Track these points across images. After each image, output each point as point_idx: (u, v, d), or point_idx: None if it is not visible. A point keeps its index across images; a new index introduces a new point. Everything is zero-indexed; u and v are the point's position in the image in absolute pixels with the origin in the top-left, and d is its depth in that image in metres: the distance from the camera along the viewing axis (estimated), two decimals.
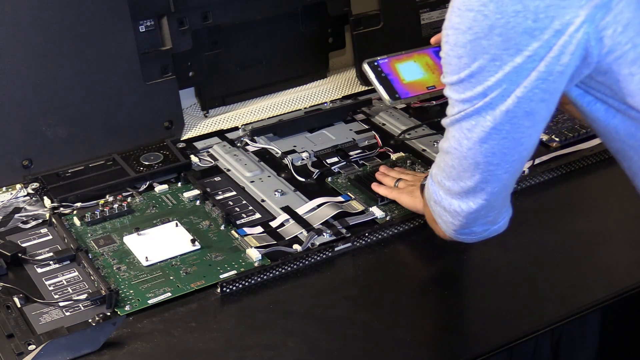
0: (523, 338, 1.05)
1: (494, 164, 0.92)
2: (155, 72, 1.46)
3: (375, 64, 1.31)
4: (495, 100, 0.86)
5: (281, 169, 1.39)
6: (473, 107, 0.88)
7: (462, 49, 0.85)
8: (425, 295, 1.12)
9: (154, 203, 1.30)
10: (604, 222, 1.26)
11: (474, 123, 0.89)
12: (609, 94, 0.88)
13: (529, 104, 0.86)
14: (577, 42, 0.82)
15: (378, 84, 1.30)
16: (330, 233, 1.21)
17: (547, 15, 0.80)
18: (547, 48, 0.82)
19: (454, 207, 0.98)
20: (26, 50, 1.32)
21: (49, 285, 1.12)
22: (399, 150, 1.42)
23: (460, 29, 0.85)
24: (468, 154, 0.91)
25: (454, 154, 0.93)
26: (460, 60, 0.86)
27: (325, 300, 1.10)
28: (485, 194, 0.95)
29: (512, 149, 0.91)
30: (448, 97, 0.91)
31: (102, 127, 1.41)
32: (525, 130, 0.89)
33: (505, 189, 0.98)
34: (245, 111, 1.59)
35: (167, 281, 1.12)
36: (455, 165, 0.94)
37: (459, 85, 0.88)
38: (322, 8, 1.63)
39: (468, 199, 0.97)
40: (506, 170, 0.93)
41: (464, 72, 0.86)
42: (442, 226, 1.03)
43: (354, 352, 1.02)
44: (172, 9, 1.45)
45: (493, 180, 0.94)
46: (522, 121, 0.88)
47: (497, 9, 0.81)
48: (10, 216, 1.27)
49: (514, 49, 0.82)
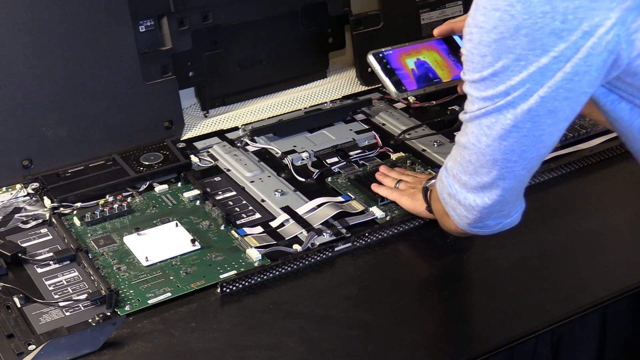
0: (523, 338, 1.05)
1: (512, 160, 0.91)
2: (155, 72, 1.46)
3: (380, 55, 1.30)
4: (518, 99, 0.85)
5: (281, 169, 1.39)
6: (494, 105, 0.87)
7: (486, 48, 0.84)
8: (425, 295, 1.12)
9: (154, 203, 1.30)
10: (604, 222, 1.26)
11: (493, 120, 0.88)
12: (636, 94, 0.87)
13: (552, 103, 0.85)
14: (607, 44, 0.81)
15: (384, 76, 1.29)
16: (330, 233, 1.21)
17: (576, 16, 0.79)
18: (574, 49, 0.81)
19: (469, 201, 0.98)
20: (26, 50, 1.32)
21: (49, 285, 1.12)
22: (399, 150, 1.42)
23: (485, 28, 0.84)
24: (486, 150, 0.91)
25: (471, 149, 0.93)
26: (483, 59, 0.85)
27: (325, 300, 1.10)
28: (500, 189, 0.95)
29: (532, 146, 0.90)
30: (468, 93, 0.90)
31: (102, 127, 1.41)
32: (547, 128, 0.88)
33: (521, 184, 0.98)
34: (245, 111, 1.59)
35: (167, 281, 1.12)
36: (472, 160, 0.94)
37: (481, 83, 0.87)
38: (322, 8, 1.63)
39: (484, 194, 0.97)
40: (524, 167, 0.93)
41: (486, 71, 0.85)
42: (455, 219, 1.03)
43: (354, 352, 1.02)
44: (172, 9, 1.45)
45: (510, 177, 0.94)
46: (544, 119, 0.87)
47: (524, 10, 0.80)
48: (10, 216, 1.27)
49: (540, 49, 0.81)
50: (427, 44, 1.33)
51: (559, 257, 1.18)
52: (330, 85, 1.67)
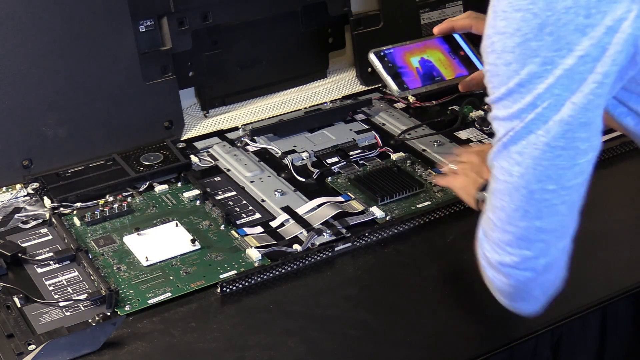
0: (523, 338, 1.05)
1: (549, 190, 0.85)
2: (155, 72, 1.46)
3: (382, 54, 1.30)
4: (547, 111, 0.81)
5: (281, 169, 1.39)
6: (523, 122, 0.82)
7: (510, 55, 0.81)
8: (425, 295, 1.12)
9: (154, 203, 1.30)
10: (604, 222, 1.25)
11: (524, 143, 0.83)
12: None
13: (584, 114, 0.81)
14: (630, 39, 0.78)
15: (386, 74, 1.29)
16: (330, 233, 1.21)
17: (598, 10, 0.78)
18: (599, 48, 0.79)
19: (506, 261, 0.89)
20: (26, 50, 1.32)
21: (49, 285, 1.12)
22: (399, 150, 1.42)
23: (507, 33, 0.81)
24: (520, 182, 0.84)
25: (503, 189, 0.86)
26: (508, 68, 0.81)
27: (325, 300, 1.10)
28: (540, 232, 0.87)
29: (569, 169, 0.84)
30: (494, 120, 0.86)
31: (102, 127, 1.41)
32: (581, 144, 0.83)
33: (563, 229, 0.89)
34: (245, 111, 1.59)
35: (167, 281, 1.12)
36: (505, 205, 0.87)
37: (508, 98, 0.83)
38: (322, 8, 1.63)
39: (520, 248, 0.88)
40: (563, 201, 0.86)
41: (512, 81, 0.82)
42: (497, 295, 0.95)
43: (354, 352, 1.02)
44: (172, 9, 1.45)
45: (549, 214, 0.86)
46: (578, 134, 0.82)
47: (546, 6, 0.78)
48: (10, 216, 1.27)
49: (566, 49, 0.79)
50: (429, 43, 1.33)
51: None
52: (330, 85, 1.67)
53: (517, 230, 0.87)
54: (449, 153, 1.35)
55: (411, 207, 1.27)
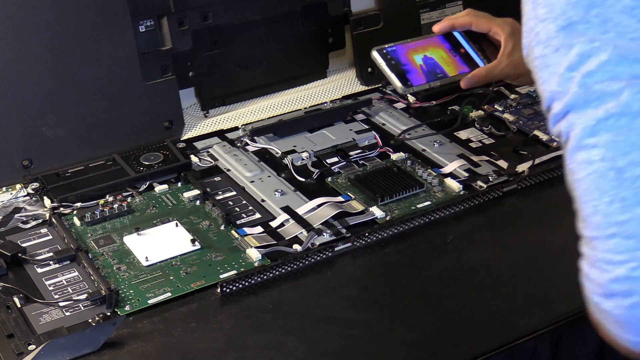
0: (523, 338, 1.05)
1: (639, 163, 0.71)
2: (155, 72, 1.46)
3: (384, 51, 1.30)
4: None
5: (281, 169, 1.39)
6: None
7: (555, 40, 0.75)
8: (425, 295, 1.12)
9: (154, 203, 1.30)
10: None
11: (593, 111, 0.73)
12: None
13: None
14: None
15: (389, 71, 1.29)
16: (330, 233, 1.21)
17: None
18: None
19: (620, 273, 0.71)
20: (26, 50, 1.32)
21: (49, 285, 1.12)
22: (399, 150, 1.42)
23: (550, 18, 0.75)
24: (604, 165, 0.72)
25: (589, 187, 0.74)
26: (557, 53, 0.75)
27: (325, 300, 1.10)
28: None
29: None
30: (557, 122, 0.77)
31: (102, 127, 1.41)
32: None
33: None
34: (245, 111, 1.59)
35: (167, 281, 1.12)
36: (597, 204, 0.73)
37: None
38: (322, 8, 1.63)
39: (632, 250, 0.70)
40: None
41: (561, 67, 0.74)
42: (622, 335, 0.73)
43: (354, 352, 1.02)
44: (172, 9, 1.45)
45: None
46: None
47: None
48: (10, 216, 1.27)
49: (614, 31, 0.73)
50: (430, 41, 1.34)
51: (559, 257, 1.18)
52: (330, 85, 1.67)
53: (620, 229, 0.71)
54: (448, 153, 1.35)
55: (411, 207, 1.27)
